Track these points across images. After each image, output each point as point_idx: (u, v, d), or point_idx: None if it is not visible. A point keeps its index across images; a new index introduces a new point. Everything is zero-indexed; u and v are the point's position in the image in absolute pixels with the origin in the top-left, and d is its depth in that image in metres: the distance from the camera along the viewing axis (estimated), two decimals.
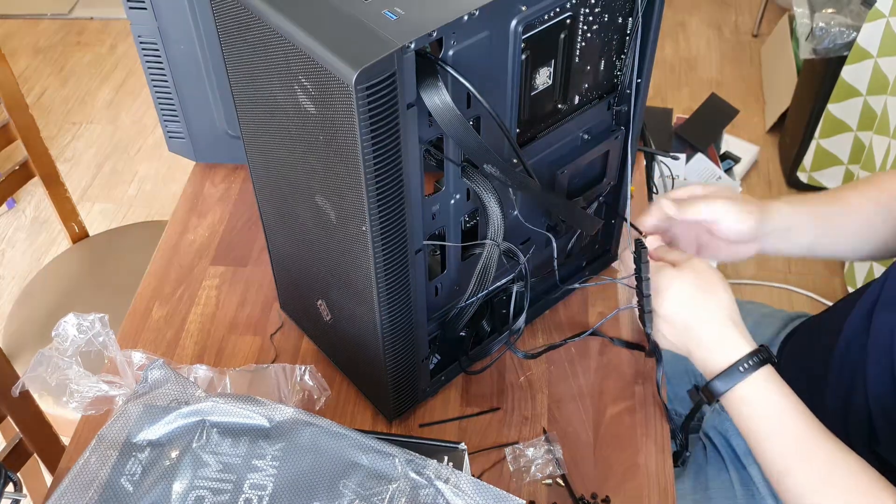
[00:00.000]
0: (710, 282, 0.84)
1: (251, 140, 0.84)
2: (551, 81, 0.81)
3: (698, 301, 0.83)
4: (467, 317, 0.88)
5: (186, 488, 0.69)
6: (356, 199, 0.71)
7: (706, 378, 0.84)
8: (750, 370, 0.80)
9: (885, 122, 1.90)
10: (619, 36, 0.84)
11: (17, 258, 2.29)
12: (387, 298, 0.78)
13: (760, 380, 0.81)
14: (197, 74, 1.12)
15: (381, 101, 0.64)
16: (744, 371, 0.80)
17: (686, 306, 0.84)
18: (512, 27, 0.72)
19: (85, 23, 3.09)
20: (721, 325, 0.83)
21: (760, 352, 0.81)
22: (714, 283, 0.84)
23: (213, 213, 1.19)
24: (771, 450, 0.81)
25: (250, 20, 0.70)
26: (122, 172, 2.53)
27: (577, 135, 0.88)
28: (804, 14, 2.12)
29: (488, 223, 0.80)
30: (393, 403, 0.91)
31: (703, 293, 0.83)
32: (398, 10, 0.66)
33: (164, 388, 0.76)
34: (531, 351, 0.98)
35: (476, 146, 0.71)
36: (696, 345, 0.84)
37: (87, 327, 0.80)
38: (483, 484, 0.68)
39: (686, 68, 2.76)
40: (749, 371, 0.80)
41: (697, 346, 0.84)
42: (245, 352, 1.02)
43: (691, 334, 0.84)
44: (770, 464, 0.82)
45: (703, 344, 0.83)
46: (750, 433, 0.82)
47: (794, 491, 0.80)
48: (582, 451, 0.91)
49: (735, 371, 0.81)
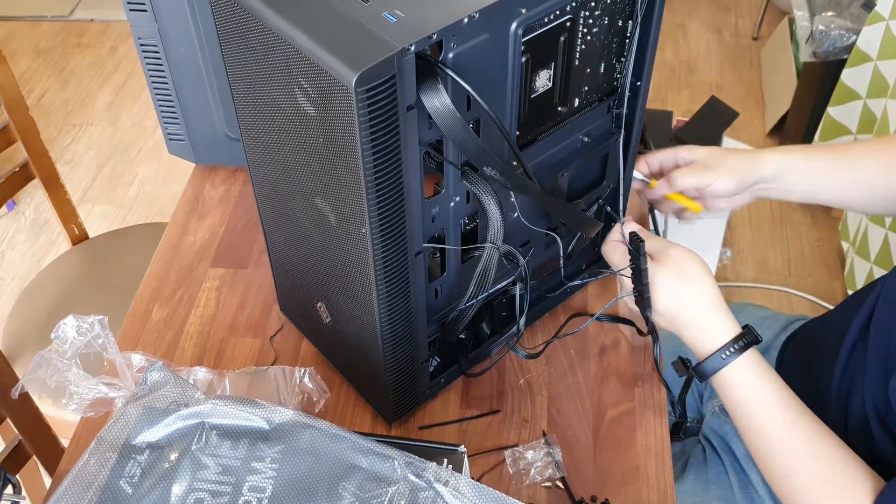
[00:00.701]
0: (690, 271, 0.87)
1: (251, 142, 0.84)
2: (551, 84, 0.81)
3: (682, 292, 0.87)
4: (467, 319, 0.88)
5: (185, 490, 0.69)
6: (356, 202, 0.71)
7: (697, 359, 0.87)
8: (734, 355, 0.84)
9: (884, 125, 1.90)
10: (619, 38, 0.84)
11: (16, 260, 2.29)
12: (387, 300, 0.78)
13: (744, 363, 0.84)
14: (197, 76, 1.12)
15: (381, 103, 0.64)
16: (727, 357, 0.84)
17: (671, 298, 0.87)
18: (512, 30, 0.71)
19: (85, 25, 3.09)
20: (706, 312, 0.86)
21: (744, 335, 0.85)
22: (695, 271, 0.87)
23: (212, 214, 1.19)
24: (755, 429, 0.84)
25: (250, 22, 0.70)
26: (122, 174, 2.53)
27: (577, 137, 0.88)
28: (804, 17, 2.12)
29: (488, 226, 0.80)
30: (392, 406, 0.91)
31: (685, 284, 0.87)
32: (398, 13, 0.66)
33: (163, 391, 0.76)
34: (532, 350, 0.98)
35: (476, 149, 0.71)
36: (683, 331, 0.88)
37: (87, 329, 0.80)
38: (483, 487, 0.68)
39: (686, 71, 2.76)
40: (733, 356, 0.84)
41: (685, 331, 0.88)
42: (245, 354, 1.02)
43: (678, 324, 0.88)
44: (754, 444, 0.85)
45: (690, 330, 0.87)
46: (736, 414, 0.86)
47: (776, 471, 0.84)
48: (581, 453, 0.91)
49: (719, 357, 0.85)
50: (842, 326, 0.95)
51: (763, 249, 2.22)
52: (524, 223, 0.87)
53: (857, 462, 0.80)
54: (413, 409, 0.94)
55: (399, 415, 0.93)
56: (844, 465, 0.80)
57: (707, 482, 1.05)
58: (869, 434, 0.87)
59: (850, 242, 2.06)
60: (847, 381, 0.92)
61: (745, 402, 0.85)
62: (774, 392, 0.84)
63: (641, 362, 0.99)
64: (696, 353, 0.87)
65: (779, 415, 0.83)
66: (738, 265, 2.18)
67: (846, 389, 0.91)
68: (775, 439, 0.83)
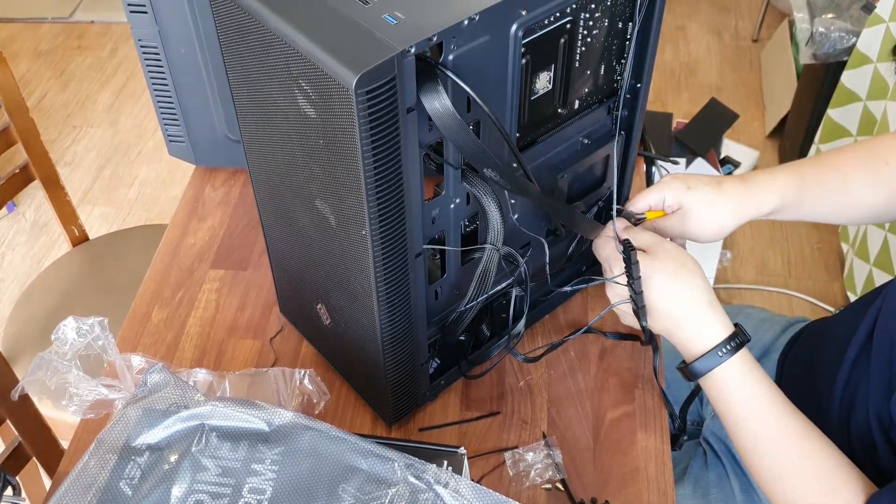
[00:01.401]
0: (683, 267, 0.85)
1: (251, 144, 0.84)
2: (551, 86, 0.81)
3: (675, 289, 0.85)
4: (467, 321, 0.88)
5: (185, 492, 0.69)
6: (356, 203, 0.71)
7: (686, 359, 0.86)
8: (729, 353, 0.83)
9: (884, 126, 1.90)
10: (619, 40, 0.84)
11: (16, 261, 2.29)
12: (387, 302, 0.78)
13: (738, 362, 0.83)
14: (197, 78, 1.12)
15: (382, 105, 0.64)
16: (723, 355, 0.83)
17: (664, 294, 0.85)
18: (512, 31, 0.71)
19: (86, 26, 3.09)
20: (702, 307, 0.84)
21: (737, 335, 0.83)
22: (688, 268, 0.85)
23: (213, 216, 1.19)
24: (746, 430, 0.84)
25: (251, 24, 0.70)
26: (123, 176, 2.53)
27: (577, 139, 0.88)
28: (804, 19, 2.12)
29: (488, 227, 0.80)
30: (392, 408, 0.90)
31: (678, 280, 0.85)
32: (398, 15, 0.66)
33: (163, 392, 0.76)
34: (531, 354, 0.98)
35: (476, 150, 0.71)
36: (674, 328, 0.86)
37: (87, 331, 0.80)
38: (482, 488, 0.67)
39: (686, 73, 2.77)
40: (727, 355, 0.82)
41: (676, 329, 0.86)
42: (244, 355, 1.02)
43: (670, 321, 0.86)
44: (744, 445, 0.84)
45: (681, 328, 0.85)
46: (727, 414, 0.85)
47: (767, 471, 0.83)
48: (581, 455, 0.91)
49: (714, 355, 0.83)
50: (845, 334, 0.95)
51: (763, 251, 2.22)
52: (524, 225, 0.87)
53: (847, 463, 0.80)
54: (413, 410, 0.94)
55: (399, 417, 0.93)
56: (835, 464, 0.80)
57: (708, 485, 1.05)
58: (872, 443, 0.87)
59: (849, 244, 2.06)
60: (850, 390, 0.91)
61: (736, 402, 0.84)
62: (766, 391, 0.83)
63: (642, 365, 0.99)
64: (687, 351, 0.85)
65: (771, 415, 0.82)
66: (738, 267, 2.18)
67: (850, 397, 0.91)
68: (767, 439, 0.82)
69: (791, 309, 2.08)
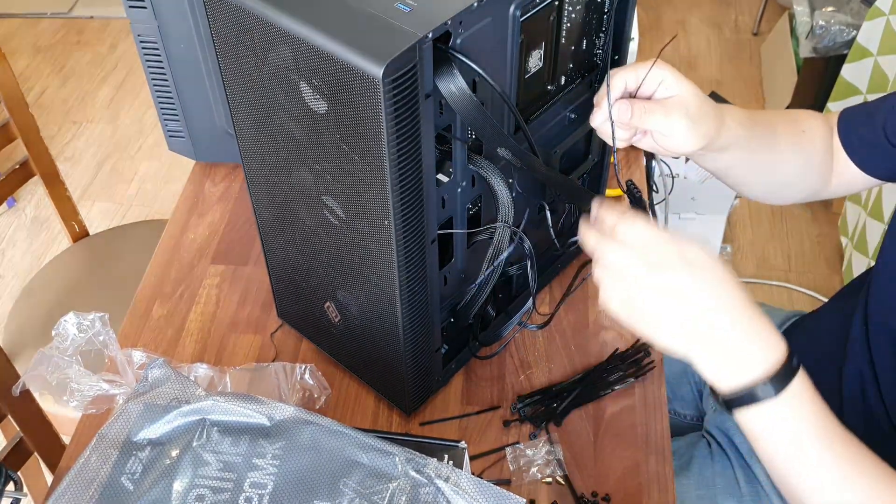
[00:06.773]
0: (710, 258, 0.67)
1: (248, 147, 0.83)
2: (542, 63, 0.82)
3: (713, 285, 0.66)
4: (480, 301, 0.89)
5: (187, 487, 0.69)
6: (377, 195, 0.71)
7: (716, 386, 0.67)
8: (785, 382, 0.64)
9: None
10: (598, 15, 0.86)
11: (17, 257, 2.29)
12: (408, 291, 0.78)
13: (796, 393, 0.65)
14: (197, 73, 1.12)
15: (406, 93, 0.64)
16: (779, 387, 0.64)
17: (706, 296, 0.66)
18: (511, 11, 0.73)
19: (85, 22, 3.09)
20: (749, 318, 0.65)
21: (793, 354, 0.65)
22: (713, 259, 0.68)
23: (213, 211, 1.19)
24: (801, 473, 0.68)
25: (251, 24, 0.69)
26: (123, 171, 2.53)
27: (565, 115, 0.90)
28: (804, 12, 2.12)
29: (497, 206, 0.81)
30: (411, 397, 0.91)
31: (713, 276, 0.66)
32: (410, 2, 0.66)
33: (164, 387, 0.76)
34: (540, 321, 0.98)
35: (492, 130, 0.72)
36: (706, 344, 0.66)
37: (88, 326, 0.80)
38: (484, 482, 0.68)
39: (686, 67, 2.76)
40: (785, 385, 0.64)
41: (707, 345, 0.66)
42: (245, 350, 1.02)
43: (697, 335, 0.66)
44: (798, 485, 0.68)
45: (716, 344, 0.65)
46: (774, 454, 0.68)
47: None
48: (582, 449, 0.91)
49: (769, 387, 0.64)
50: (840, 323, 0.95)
51: (763, 245, 2.22)
52: (523, 201, 0.88)
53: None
54: (429, 398, 0.94)
55: (417, 405, 0.93)
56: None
57: (713, 475, 1.05)
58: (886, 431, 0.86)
59: (848, 238, 2.06)
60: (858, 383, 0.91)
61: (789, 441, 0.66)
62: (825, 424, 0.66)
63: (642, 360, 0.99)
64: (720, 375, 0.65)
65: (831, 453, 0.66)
66: (739, 261, 2.18)
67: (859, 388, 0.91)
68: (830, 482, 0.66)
69: (791, 303, 2.08)
